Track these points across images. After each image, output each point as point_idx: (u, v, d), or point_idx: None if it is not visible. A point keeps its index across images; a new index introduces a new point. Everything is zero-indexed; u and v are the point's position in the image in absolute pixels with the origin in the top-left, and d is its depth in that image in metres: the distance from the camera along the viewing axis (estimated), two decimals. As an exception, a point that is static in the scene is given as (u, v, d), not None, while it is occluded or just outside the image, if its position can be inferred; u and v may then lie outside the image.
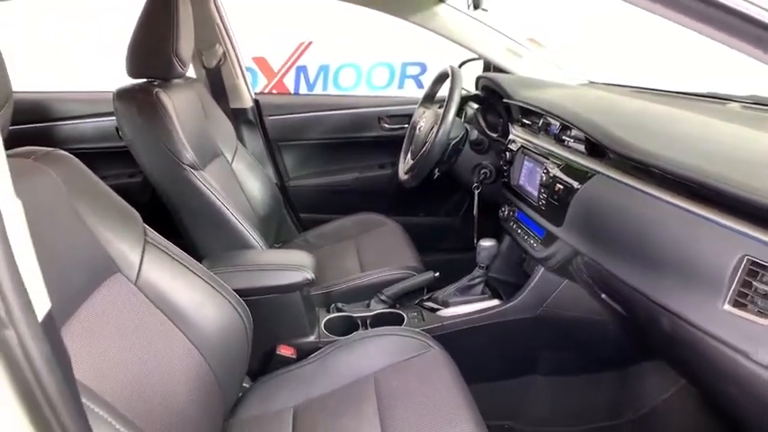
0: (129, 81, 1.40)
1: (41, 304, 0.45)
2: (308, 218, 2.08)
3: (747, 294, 0.69)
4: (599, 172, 1.01)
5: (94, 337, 0.81)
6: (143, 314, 0.93)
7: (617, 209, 0.93)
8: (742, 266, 0.69)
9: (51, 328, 0.47)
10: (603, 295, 1.06)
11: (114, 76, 1.40)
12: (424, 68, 3.07)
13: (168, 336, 0.95)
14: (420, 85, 3.11)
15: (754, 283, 0.68)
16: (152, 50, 1.34)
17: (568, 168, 1.12)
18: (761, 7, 0.69)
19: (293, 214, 2.09)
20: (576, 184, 1.06)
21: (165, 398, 0.88)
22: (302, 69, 3.13)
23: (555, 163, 1.19)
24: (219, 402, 1.03)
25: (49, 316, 0.47)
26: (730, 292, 0.70)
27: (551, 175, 1.17)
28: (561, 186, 1.11)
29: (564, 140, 1.19)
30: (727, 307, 0.71)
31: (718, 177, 0.73)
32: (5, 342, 0.41)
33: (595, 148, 1.05)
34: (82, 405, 0.50)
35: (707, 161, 0.79)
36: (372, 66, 3.11)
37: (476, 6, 1.47)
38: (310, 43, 3.08)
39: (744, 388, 0.71)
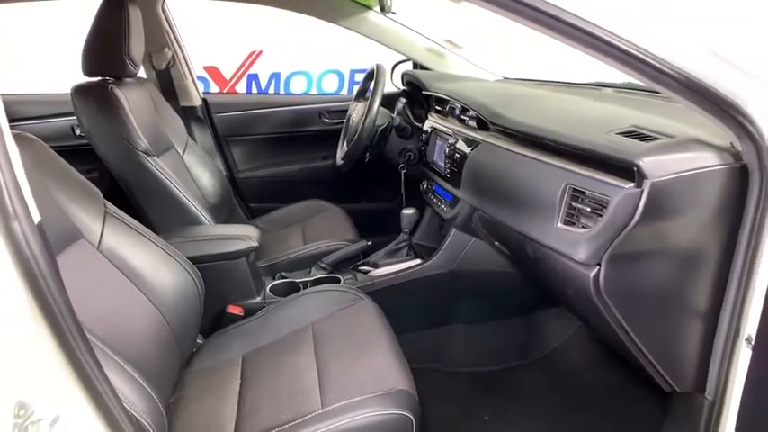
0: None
1: (35, 214, 0.63)
2: (258, 207, 2.26)
3: (573, 214, 0.94)
4: (482, 140, 1.26)
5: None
6: (106, 275, 1.07)
7: (491, 166, 1.18)
8: (566, 193, 0.94)
9: (42, 232, 0.64)
10: (496, 242, 1.30)
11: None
12: None
13: (129, 295, 1.09)
14: (368, 91, 3.28)
15: (575, 204, 0.93)
16: (106, 51, 1.50)
17: (465, 140, 1.37)
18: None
19: (243, 204, 2.26)
20: (467, 152, 1.30)
21: (128, 348, 1.02)
22: (254, 77, 3.26)
23: (457, 138, 1.43)
24: (176, 354, 1.18)
25: (40, 224, 0.64)
26: (561, 213, 0.95)
27: (453, 147, 1.41)
28: (458, 155, 1.36)
29: (464, 120, 1.44)
30: (559, 225, 0.95)
31: (550, 132, 0.99)
32: (13, 231, 0.59)
33: (482, 122, 1.30)
34: (65, 289, 0.67)
35: (550, 123, 1.05)
36: (322, 73, 3.27)
37: (383, 9, 1.71)
38: (261, 52, 3.22)
39: (574, 285, 0.95)
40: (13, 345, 0.60)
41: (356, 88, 3.07)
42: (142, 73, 1.82)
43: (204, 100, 2.17)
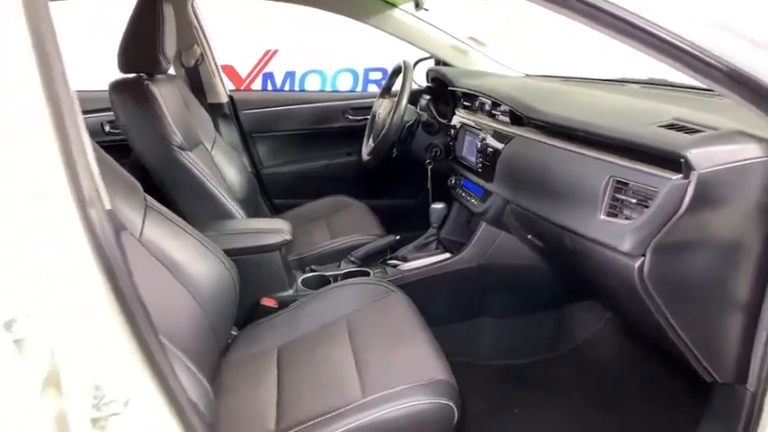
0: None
1: (106, 201, 0.66)
2: (282, 203, 2.28)
3: (617, 206, 0.95)
4: (517, 134, 1.27)
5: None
6: (147, 266, 1.09)
7: (528, 159, 1.20)
8: (610, 185, 0.95)
9: (114, 219, 0.66)
10: (529, 236, 1.31)
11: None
12: (385, 73, 3.23)
13: (169, 286, 1.12)
14: (393, 87, 3.28)
15: (619, 196, 0.94)
16: (141, 49, 1.54)
17: (496, 135, 1.39)
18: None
19: (268, 200, 2.29)
20: (500, 146, 1.32)
21: (168, 337, 1.05)
22: (269, 76, 3.29)
23: (487, 133, 1.44)
24: (213, 345, 1.20)
25: (111, 211, 0.66)
26: (604, 205, 0.96)
27: (484, 142, 1.43)
28: (491, 150, 1.37)
29: (495, 115, 1.46)
30: (602, 217, 0.96)
31: (592, 125, 1.00)
32: (91, 217, 0.61)
33: (516, 117, 1.31)
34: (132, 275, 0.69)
35: (590, 116, 1.06)
36: (337, 71, 3.29)
37: (417, 6, 1.73)
38: (276, 51, 3.25)
39: (618, 276, 0.96)
40: (91, 329, 0.62)
41: (372, 86, 3.08)
42: (171, 70, 1.84)
43: (230, 97, 2.20)
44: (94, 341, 0.62)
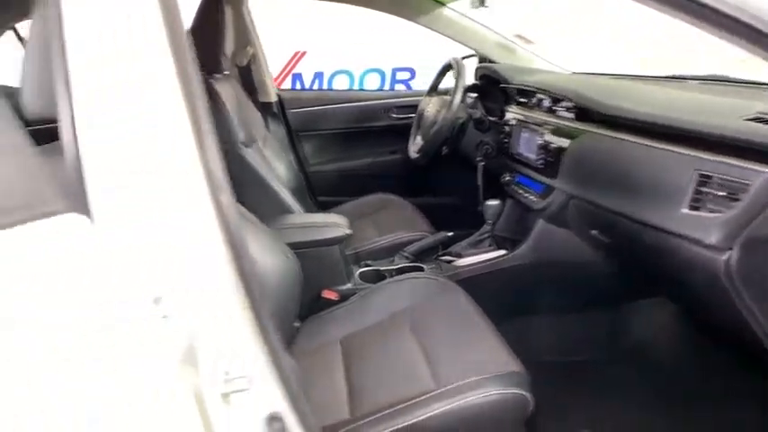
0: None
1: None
2: (327, 200, 2.31)
3: (700, 200, 0.95)
4: (586, 130, 1.28)
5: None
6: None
7: (600, 155, 1.20)
8: (694, 178, 0.95)
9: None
10: (593, 231, 1.32)
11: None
12: (413, 74, 3.26)
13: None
14: (410, 89, 3.30)
15: (703, 189, 0.94)
16: (204, 49, 1.57)
17: (558, 131, 1.39)
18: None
19: (313, 197, 2.32)
20: (565, 143, 1.33)
21: None
22: (297, 77, 3.31)
23: (547, 129, 1.45)
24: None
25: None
26: (688, 199, 0.96)
27: (545, 139, 1.43)
28: (555, 146, 1.38)
29: (555, 111, 1.46)
30: (685, 210, 0.96)
31: (678, 120, 1.00)
32: (221, 203, 0.64)
33: (583, 113, 1.31)
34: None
35: (666, 111, 1.06)
36: (364, 72, 3.29)
37: (481, 2, 1.75)
38: (305, 53, 3.28)
39: (702, 270, 0.96)
40: (221, 310, 0.64)
41: (398, 86, 3.08)
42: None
43: (278, 96, 2.23)
44: (224, 321, 0.65)
